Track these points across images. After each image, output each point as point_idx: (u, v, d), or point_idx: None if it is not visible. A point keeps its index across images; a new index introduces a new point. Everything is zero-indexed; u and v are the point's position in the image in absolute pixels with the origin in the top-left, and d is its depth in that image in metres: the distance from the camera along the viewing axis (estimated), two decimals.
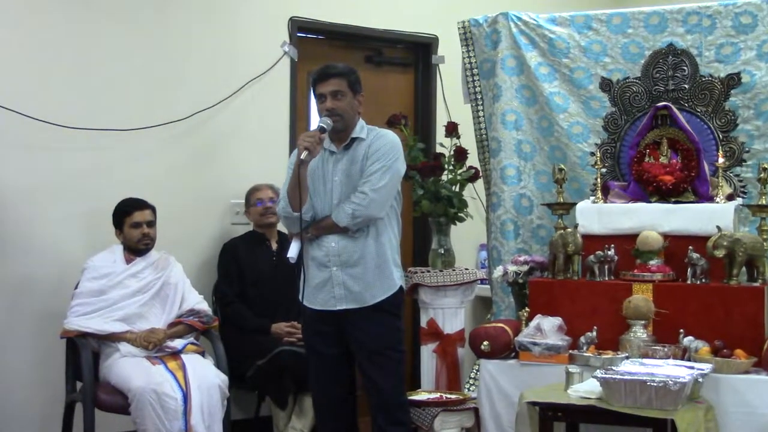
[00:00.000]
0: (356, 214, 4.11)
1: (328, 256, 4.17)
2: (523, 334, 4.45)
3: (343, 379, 4.29)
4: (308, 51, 5.84)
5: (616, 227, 4.59)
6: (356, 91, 4.22)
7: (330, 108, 4.14)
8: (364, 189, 4.12)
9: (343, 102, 4.17)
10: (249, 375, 5.00)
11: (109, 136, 5.14)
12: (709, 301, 4.27)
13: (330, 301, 4.18)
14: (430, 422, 4.58)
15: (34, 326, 4.98)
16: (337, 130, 4.18)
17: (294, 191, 4.09)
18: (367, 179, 4.13)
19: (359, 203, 4.11)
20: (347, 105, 4.18)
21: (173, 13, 5.42)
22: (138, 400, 4.40)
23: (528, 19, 5.16)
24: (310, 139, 4.04)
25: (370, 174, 4.14)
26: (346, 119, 4.18)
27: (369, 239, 4.18)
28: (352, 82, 4.21)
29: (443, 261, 5.27)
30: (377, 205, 4.13)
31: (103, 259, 4.85)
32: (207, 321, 4.88)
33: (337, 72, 4.20)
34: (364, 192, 4.11)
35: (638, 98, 4.91)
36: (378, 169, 4.14)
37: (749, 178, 4.72)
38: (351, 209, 4.10)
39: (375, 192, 4.12)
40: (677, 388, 3.64)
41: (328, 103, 4.15)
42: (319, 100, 4.20)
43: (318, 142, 4.05)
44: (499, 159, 5.18)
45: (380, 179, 4.13)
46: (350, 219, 4.11)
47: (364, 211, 4.11)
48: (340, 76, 4.19)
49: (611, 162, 4.94)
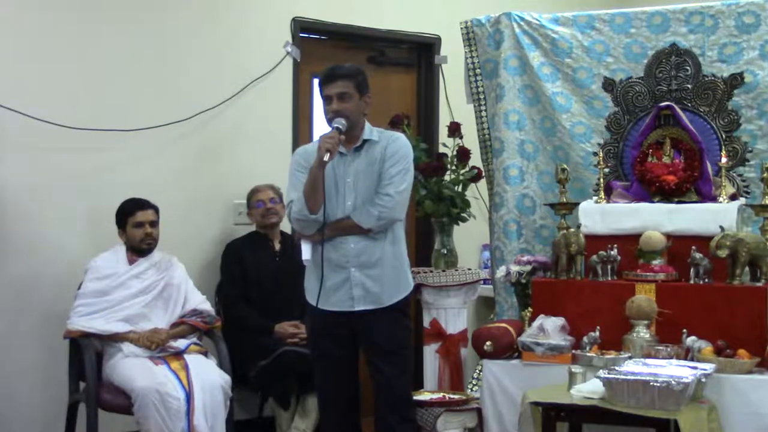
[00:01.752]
0: (382, 216, 4.12)
1: (347, 257, 4.16)
2: (526, 335, 4.45)
3: (349, 380, 4.29)
4: (311, 51, 5.84)
5: (619, 227, 4.59)
6: (363, 93, 4.21)
7: (335, 110, 4.13)
8: (388, 191, 4.13)
9: (349, 104, 4.15)
10: (252, 375, 5.00)
11: (112, 136, 5.14)
12: (712, 301, 4.27)
13: (347, 302, 4.18)
14: (433, 422, 4.58)
15: (37, 327, 4.98)
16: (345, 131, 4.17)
17: (312, 194, 4.08)
18: (389, 181, 4.14)
19: (385, 205, 4.12)
20: (354, 107, 4.17)
21: (176, 13, 5.42)
22: (141, 400, 4.40)
23: (531, 19, 5.16)
24: (331, 140, 4.02)
25: (391, 177, 4.14)
26: (352, 120, 4.17)
27: (387, 241, 4.20)
28: (359, 83, 4.20)
29: (446, 261, 5.27)
30: (401, 207, 4.18)
31: (105, 259, 4.85)
32: (210, 321, 4.88)
33: (343, 73, 4.18)
34: (389, 194, 4.12)
35: (641, 98, 4.90)
36: (399, 172, 4.16)
37: (752, 178, 4.72)
38: (377, 211, 4.11)
39: (399, 194, 4.15)
40: (680, 389, 3.64)
41: (333, 105, 4.14)
42: (326, 102, 4.19)
43: (338, 143, 4.06)
44: (502, 159, 5.18)
45: (402, 181, 4.16)
46: (376, 221, 4.12)
47: (389, 213, 4.13)
48: (347, 77, 4.17)
49: (614, 162, 4.93)
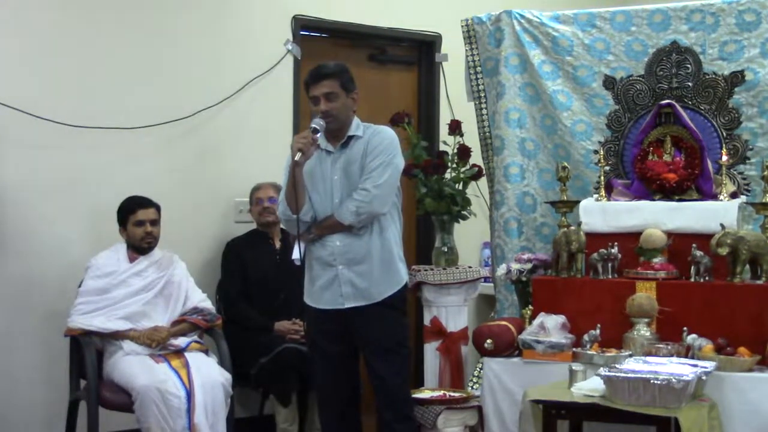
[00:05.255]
0: (360, 211, 4.10)
1: (334, 255, 4.16)
2: (526, 332, 4.45)
3: (348, 377, 4.29)
4: (311, 49, 5.84)
5: (620, 225, 4.58)
6: (349, 90, 4.20)
7: (324, 111, 4.13)
8: (365, 186, 4.11)
9: (336, 103, 4.15)
10: (252, 373, 5.00)
11: (113, 134, 5.14)
12: (713, 299, 4.27)
13: (337, 300, 4.17)
14: (433, 420, 4.58)
15: (38, 325, 4.99)
16: (331, 130, 4.17)
17: (291, 194, 4.08)
18: (368, 176, 4.13)
19: (362, 200, 4.10)
20: (341, 105, 4.16)
21: (177, 11, 5.42)
22: (142, 398, 4.40)
23: (531, 17, 5.16)
24: (303, 140, 4.03)
25: (371, 170, 4.13)
26: (341, 119, 4.17)
27: (374, 236, 4.17)
28: (345, 81, 4.19)
29: (446, 259, 5.27)
30: (380, 201, 4.13)
31: (106, 257, 4.85)
32: (210, 319, 4.88)
33: (328, 73, 4.17)
34: (366, 189, 4.11)
35: (642, 96, 4.90)
36: (378, 165, 4.14)
37: (753, 175, 4.71)
38: (355, 206, 4.10)
39: (377, 188, 4.11)
40: (681, 386, 3.63)
41: (321, 106, 4.14)
42: (313, 102, 4.18)
43: (311, 143, 4.04)
44: (503, 157, 5.18)
45: (381, 175, 4.13)
46: (354, 216, 4.10)
47: (367, 208, 4.11)
48: (332, 76, 4.16)
49: (615, 160, 4.93)
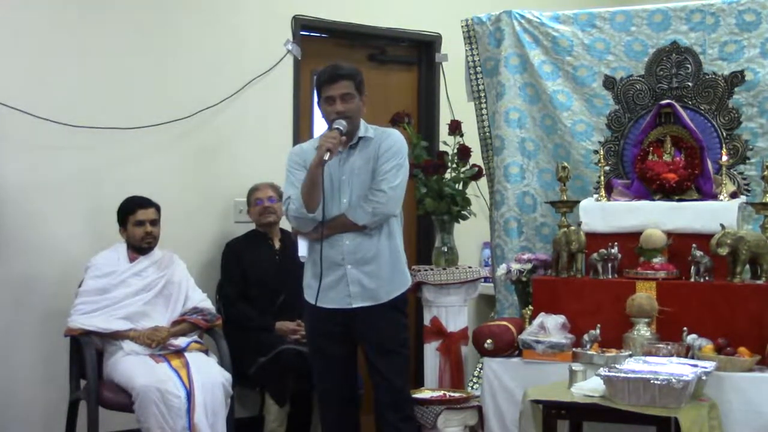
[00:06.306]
0: (376, 212, 4.12)
1: (342, 255, 4.16)
2: (526, 332, 4.45)
3: (347, 377, 4.30)
4: (311, 49, 5.84)
5: (620, 225, 4.59)
6: (362, 93, 4.23)
7: (340, 111, 4.13)
8: (381, 187, 4.12)
9: (351, 104, 4.16)
10: (251, 372, 5.00)
11: (113, 134, 5.14)
12: (713, 299, 4.27)
13: (344, 300, 4.17)
14: (433, 420, 4.58)
15: (37, 325, 4.98)
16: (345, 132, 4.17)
17: (310, 192, 4.08)
18: (383, 177, 4.14)
19: (379, 201, 4.11)
20: (355, 107, 4.17)
21: (177, 11, 5.42)
22: (142, 398, 4.40)
23: (531, 17, 5.16)
24: (332, 140, 4.03)
25: (385, 172, 4.14)
26: (354, 121, 4.18)
27: (383, 237, 4.19)
28: (359, 83, 4.21)
29: (446, 259, 5.27)
30: (395, 203, 4.17)
31: (106, 257, 4.85)
32: (210, 319, 4.88)
33: (345, 74, 4.17)
34: (383, 190, 4.12)
35: (642, 96, 4.90)
36: (393, 167, 4.15)
37: (753, 175, 4.72)
38: (371, 208, 4.11)
39: (393, 189, 4.13)
40: (681, 386, 3.64)
41: (338, 106, 4.13)
42: (327, 102, 4.17)
43: (339, 144, 4.06)
44: (503, 157, 5.18)
45: (396, 177, 4.15)
46: (370, 217, 4.12)
47: (383, 209, 4.12)
48: (348, 78, 4.17)
49: (615, 160, 4.93)
